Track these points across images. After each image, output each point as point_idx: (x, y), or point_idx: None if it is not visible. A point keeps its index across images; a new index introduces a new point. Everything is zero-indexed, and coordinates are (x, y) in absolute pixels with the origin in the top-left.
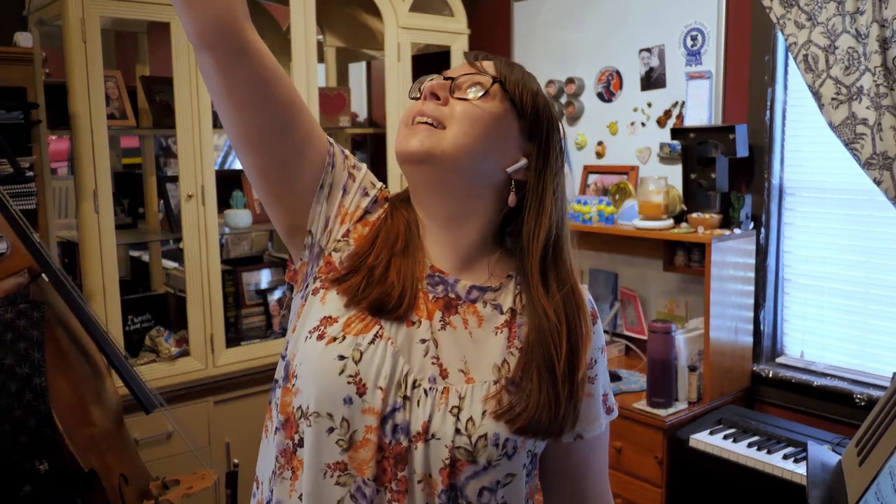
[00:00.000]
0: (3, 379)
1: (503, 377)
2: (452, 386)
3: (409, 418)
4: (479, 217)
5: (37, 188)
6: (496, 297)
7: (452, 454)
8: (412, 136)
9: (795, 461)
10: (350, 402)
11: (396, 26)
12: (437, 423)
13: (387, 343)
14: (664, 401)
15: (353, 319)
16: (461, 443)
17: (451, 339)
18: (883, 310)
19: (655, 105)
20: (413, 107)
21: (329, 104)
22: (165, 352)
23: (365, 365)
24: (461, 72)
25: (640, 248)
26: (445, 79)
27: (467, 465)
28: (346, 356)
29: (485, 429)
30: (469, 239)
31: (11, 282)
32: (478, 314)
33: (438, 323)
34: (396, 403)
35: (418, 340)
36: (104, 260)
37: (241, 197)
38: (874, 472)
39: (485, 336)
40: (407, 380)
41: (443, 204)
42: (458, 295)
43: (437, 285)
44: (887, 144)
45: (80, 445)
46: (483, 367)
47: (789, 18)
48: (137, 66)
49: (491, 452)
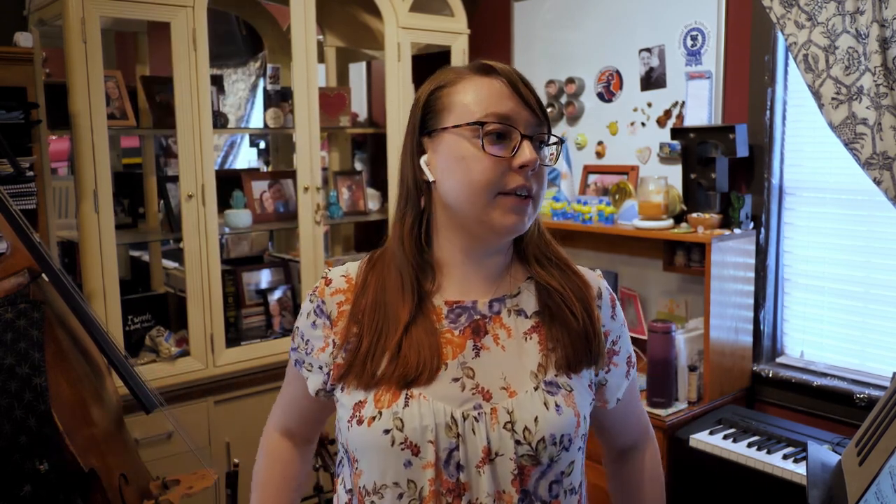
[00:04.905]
0: (3, 379)
1: (541, 381)
2: (498, 404)
3: (468, 450)
4: (507, 244)
5: (37, 188)
6: (518, 302)
7: (519, 464)
8: (517, 213)
9: (795, 461)
10: (410, 464)
11: (396, 26)
12: (495, 442)
13: (419, 400)
14: (664, 401)
15: (381, 394)
16: (523, 451)
17: (486, 363)
18: (883, 310)
19: (655, 105)
20: (510, 177)
21: (329, 104)
22: (165, 352)
23: (410, 428)
24: (527, 121)
25: (640, 248)
26: (523, 136)
27: (533, 468)
28: (390, 428)
29: (541, 432)
30: (497, 264)
31: (11, 282)
32: (505, 326)
33: (471, 352)
34: (451, 444)
35: (450, 381)
36: (104, 260)
37: (241, 197)
38: (874, 472)
39: (517, 345)
40: (455, 419)
41: (488, 251)
42: (482, 314)
43: (458, 317)
44: (887, 144)
45: (81, 445)
46: (522, 377)
47: (789, 18)
48: (137, 66)
49: (552, 451)
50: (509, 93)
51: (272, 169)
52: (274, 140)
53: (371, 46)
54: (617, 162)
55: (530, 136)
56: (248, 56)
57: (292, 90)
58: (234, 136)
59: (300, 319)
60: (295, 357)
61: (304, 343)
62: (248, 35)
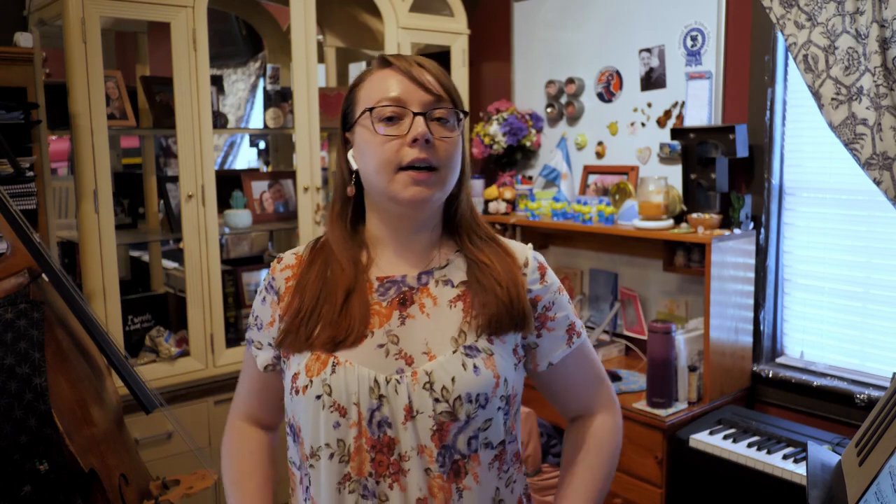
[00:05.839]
0: (4, 379)
1: (461, 346)
2: (419, 368)
3: (391, 409)
4: (434, 220)
5: (37, 188)
6: (446, 273)
7: (437, 420)
8: (414, 184)
9: (795, 461)
10: (338, 425)
11: (396, 26)
12: (416, 401)
13: (345, 366)
14: (664, 401)
15: (310, 364)
16: (442, 409)
17: (411, 330)
18: (883, 310)
19: (655, 105)
20: (405, 152)
21: (329, 104)
22: (165, 352)
23: (337, 393)
24: (421, 100)
25: (640, 249)
26: (415, 114)
27: (451, 424)
28: (321, 394)
29: (458, 391)
30: (426, 239)
31: (11, 282)
32: (431, 294)
33: (397, 321)
34: (373, 405)
35: (375, 347)
36: (104, 260)
37: (241, 197)
38: (874, 472)
39: (441, 312)
40: (377, 382)
41: (417, 225)
42: (410, 286)
43: (388, 290)
44: (887, 144)
45: (81, 445)
46: (443, 342)
47: (789, 18)
48: (137, 66)
49: (468, 408)
50: (402, 78)
51: (272, 169)
52: (274, 140)
53: (371, 46)
54: (617, 162)
55: (423, 113)
56: (248, 56)
57: (292, 90)
58: (234, 136)
59: (255, 299)
60: (248, 337)
61: (254, 320)
62: (248, 35)
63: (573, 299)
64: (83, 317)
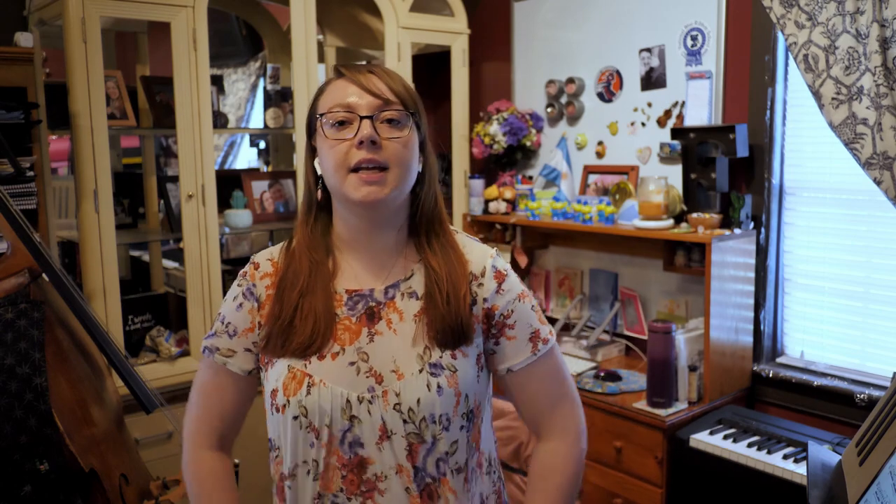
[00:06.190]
0: (4, 379)
1: (426, 363)
2: (389, 387)
3: (364, 429)
4: (399, 220)
5: (37, 188)
6: (410, 285)
7: (409, 441)
8: (365, 184)
9: (795, 461)
10: (313, 445)
11: (396, 26)
12: (389, 422)
13: (320, 387)
14: (664, 401)
15: (287, 382)
16: (410, 430)
17: (379, 347)
18: (883, 310)
19: (655, 105)
20: (352, 154)
21: None
22: (166, 352)
23: (312, 413)
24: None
25: (640, 248)
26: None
27: (420, 445)
28: (298, 415)
29: (423, 412)
30: (391, 240)
31: (11, 282)
32: (397, 309)
33: (366, 338)
34: (344, 426)
35: (347, 365)
36: (104, 260)
37: (241, 197)
38: (874, 472)
39: (408, 328)
40: (349, 402)
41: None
42: (378, 300)
43: (356, 304)
44: (887, 144)
45: (81, 445)
46: (409, 360)
47: (789, 18)
48: (137, 66)
49: (433, 429)
50: (352, 86)
51: (272, 169)
52: (274, 140)
53: (371, 46)
54: (617, 162)
55: (370, 116)
56: (248, 56)
57: (292, 90)
58: (234, 136)
59: (224, 305)
60: (208, 344)
61: (222, 327)
62: (248, 35)
63: (573, 299)
64: (83, 317)
